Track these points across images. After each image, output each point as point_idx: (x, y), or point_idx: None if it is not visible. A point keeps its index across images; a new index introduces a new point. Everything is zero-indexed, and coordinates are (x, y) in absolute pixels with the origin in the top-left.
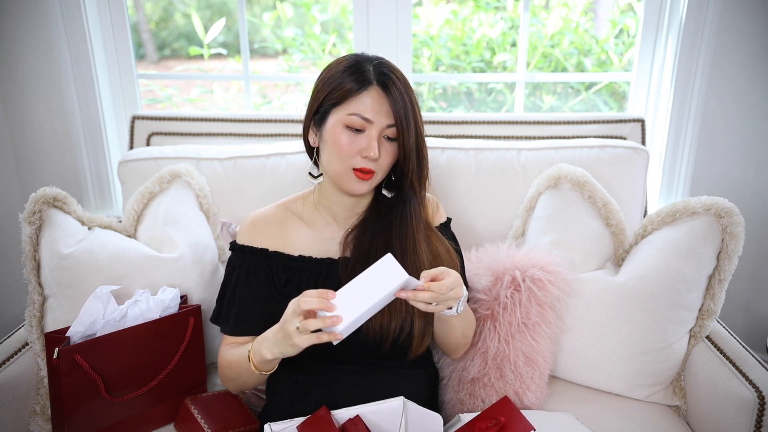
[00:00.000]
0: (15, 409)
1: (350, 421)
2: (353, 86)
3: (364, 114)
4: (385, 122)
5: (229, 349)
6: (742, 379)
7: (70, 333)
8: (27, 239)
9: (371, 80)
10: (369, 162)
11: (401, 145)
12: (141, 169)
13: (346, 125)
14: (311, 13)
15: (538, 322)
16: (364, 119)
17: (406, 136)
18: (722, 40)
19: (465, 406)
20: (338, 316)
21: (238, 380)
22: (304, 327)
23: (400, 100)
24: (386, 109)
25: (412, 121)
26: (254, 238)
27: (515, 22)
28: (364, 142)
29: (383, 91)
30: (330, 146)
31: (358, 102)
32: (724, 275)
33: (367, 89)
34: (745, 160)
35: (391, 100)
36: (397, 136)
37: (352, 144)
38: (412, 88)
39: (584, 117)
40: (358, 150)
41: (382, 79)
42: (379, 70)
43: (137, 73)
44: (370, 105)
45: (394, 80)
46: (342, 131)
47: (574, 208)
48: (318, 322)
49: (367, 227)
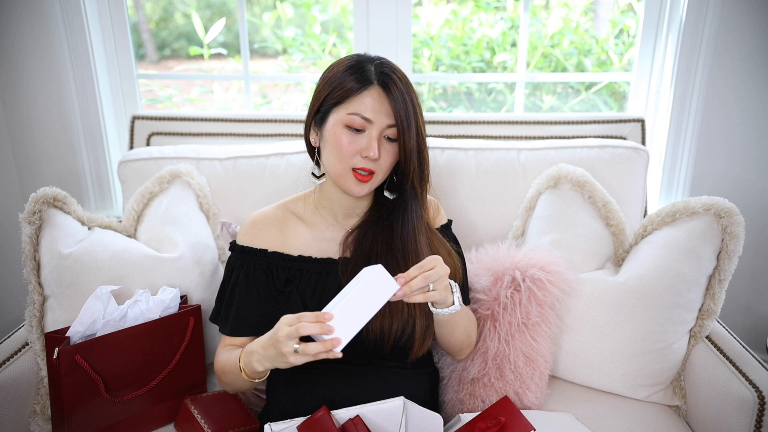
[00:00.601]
0: (15, 409)
1: (350, 421)
2: (354, 86)
3: (365, 114)
4: (385, 122)
5: (224, 353)
6: (742, 379)
7: (70, 333)
8: (27, 239)
9: (372, 80)
10: (369, 162)
11: (402, 145)
12: (141, 169)
13: (346, 125)
14: (311, 13)
15: (538, 322)
16: (365, 119)
17: (407, 136)
18: (722, 40)
19: (465, 406)
20: (338, 338)
21: (233, 385)
22: (304, 351)
23: (401, 100)
24: (387, 109)
25: (413, 122)
26: (254, 239)
27: (515, 22)
28: (364, 142)
29: (384, 91)
30: (330, 146)
31: (358, 102)
32: (724, 275)
33: (368, 89)
34: (745, 160)
35: (391, 100)
36: (398, 136)
37: (352, 144)
38: (414, 89)
39: (584, 117)
40: (358, 150)
41: (383, 79)
42: (381, 70)
43: (137, 73)
44: (370, 105)
45: (395, 80)
46: (342, 131)
47: (574, 208)
48: (318, 346)
49: (369, 228)
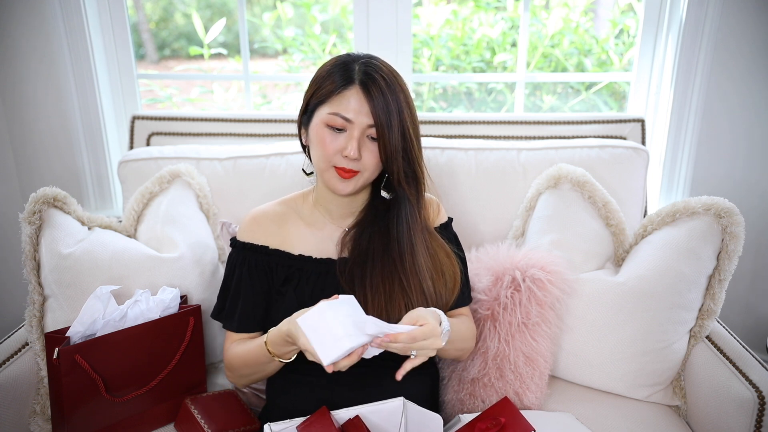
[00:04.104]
0: (15, 409)
1: (350, 421)
2: (336, 85)
3: (345, 114)
4: (366, 122)
5: (237, 346)
6: (742, 379)
7: (70, 333)
8: (27, 239)
9: (354, 80)
10: (350, 162)
11: (382, 146)
12: (141, 169)
13: (328, 124)
14: (311, 13)
15: (538, 322)
16: (345, 119)
17: (386, 137)
18: (722, 40)
19: (465, 407)
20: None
21: (255, 375)
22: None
23: (381, 100)
24: (367, 110)
25: (396, 123)
26: (254, 235)
27: (515, 22)
28: (344, 141)
29: (363, 91)
30: (314, 145)
31: (339, 101)
32: (724, 275)
33: (348, 89)
34: (745, 160)
35: (370, 100)
36: (378, 137)
37: (333, 143)
38: (404, 88)
39: (584, 117)
40: (339, 149)
41: (364, 78)
42: (364, 70)
43: (137, 73)
44: (351, 105)
45: (377, 80)
46: (324, 130)
47: (574, 208)
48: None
49: (365, 228)
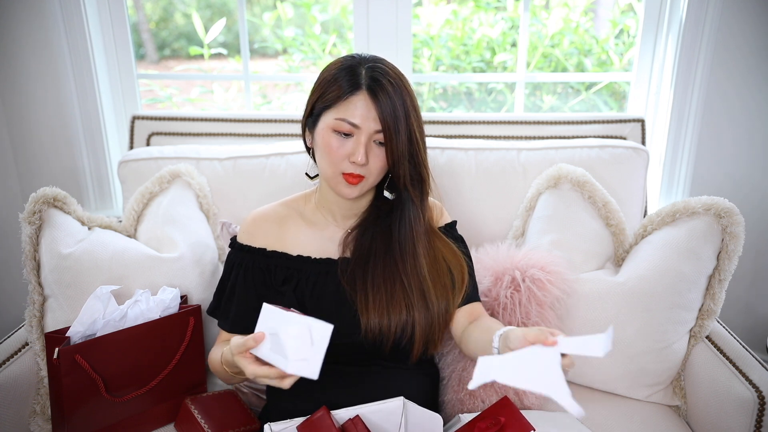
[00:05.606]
0: (15, 409)
1: (350, 421)
2: (342, 90)
3: (352, 119)
4: (373, 128)
5: (215, 348)
6: (742, 379)
7: (70, 333)
8: (27, 239)
9: (361, 85)
10: (357, 167)
11: (389, 151)
12: (141, 169)
13: (335, 129)
14: (311, 13)
15: (538, 322)
16: (352, 124)
17: (394, 142)
18: (722, 40)
19: (465, 406)
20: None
21: (232, 380)
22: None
23: (389, 105)
24: (374, 115)
25: (403, 128)
26: (254, 237)
27: (515, 22)
28: (352, 147)
29: (371, 96)
30: (320, 149)
31: (346, 107)
32: (724, 275)
33: (356, 94)
34: (745, 160)
35: (378, 106)
36: (385, 142)
37: (340, 148)
38: (410, 91)
39: (584, 117)
40: (347, 154)
41: (372, 84)
42: (371, 74)
43: (137, 73)
44: (358, 110)
45: (384, 85)
46: (331, 135)
47: (574, 208)
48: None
49: (368, 228)
